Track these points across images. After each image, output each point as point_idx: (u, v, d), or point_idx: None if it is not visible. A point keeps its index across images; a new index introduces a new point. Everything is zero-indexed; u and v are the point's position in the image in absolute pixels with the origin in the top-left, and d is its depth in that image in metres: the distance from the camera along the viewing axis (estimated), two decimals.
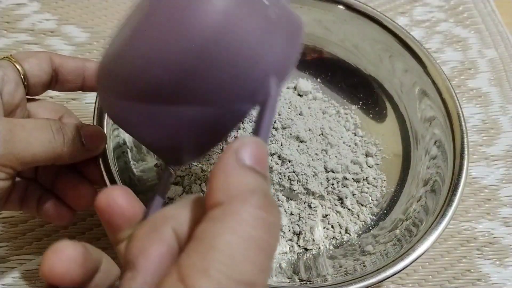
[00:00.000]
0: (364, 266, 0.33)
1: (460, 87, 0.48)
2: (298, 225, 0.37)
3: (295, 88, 0.45)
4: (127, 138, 0.37)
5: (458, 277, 0.38)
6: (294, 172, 0.37)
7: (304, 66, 0.46)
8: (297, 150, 0.38)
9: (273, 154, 0.37)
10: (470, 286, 0.38)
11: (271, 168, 0.37)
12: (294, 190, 0.38)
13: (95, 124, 0.34)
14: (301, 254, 0.37)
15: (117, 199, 0.19)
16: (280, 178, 0.38)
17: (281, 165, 0.38)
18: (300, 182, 0.38)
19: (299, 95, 0.45)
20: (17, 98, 0.28)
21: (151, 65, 0.16)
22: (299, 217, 0.38)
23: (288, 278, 0.35)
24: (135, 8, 0.19)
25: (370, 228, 0.38)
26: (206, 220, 0.15)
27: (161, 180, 0.21)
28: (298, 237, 0.37)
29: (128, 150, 0.37)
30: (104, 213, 0.19)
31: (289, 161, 0.37)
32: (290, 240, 0.37)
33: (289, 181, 0.38)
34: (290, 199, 0.38)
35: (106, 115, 0.34)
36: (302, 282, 0.34)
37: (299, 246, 0.37)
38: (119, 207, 0.19)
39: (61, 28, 0.47)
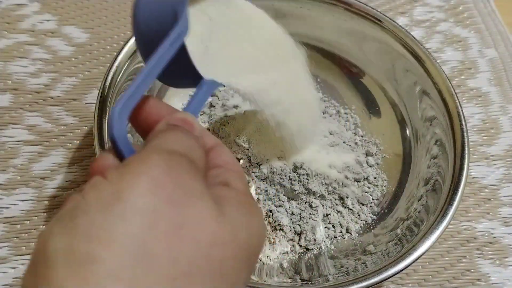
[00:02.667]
0: (365, 265, 0.33)
1: (460, 87, 0.48)
2: (299, 225, 0.37)
3: None
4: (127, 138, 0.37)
5: (458, 277, 0.38)
6: (296, 172, 0.38)
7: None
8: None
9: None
10: (470, 286, 0.38)
11: (272, 168, 0.37)
12: (295, 190, 0.38)
13: (95, 123, 0.34)
14: (302, 254, 0.37)
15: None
16: (281, 178, 0.38)
17: (282, 166, 0.38)
18: (301, 182, 0.38)
19: None
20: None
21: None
22: (300, 217, 0.38)
23: (290, 278, 0.35)
24: None
25: (371, 227, 0.38)
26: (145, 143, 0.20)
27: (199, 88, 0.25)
28: (300, 237, 0.37)
29: None
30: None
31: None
32: (292, 240, 0.37)
33: (290, 181, 0.38)
34: (291, 199, 0.38)
35: (106, 115, 0.34)
36: (303, 282, 0.34)
37: (300, 246, 0.37)
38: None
39: (61, 28, 0.47)
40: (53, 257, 0.15)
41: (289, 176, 0.38)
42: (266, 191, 0.38)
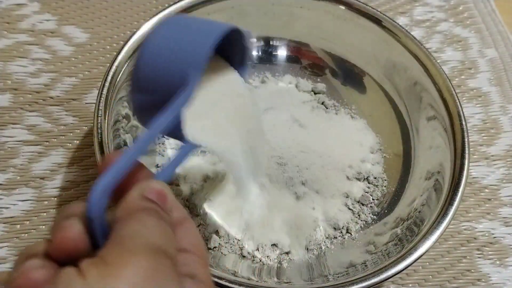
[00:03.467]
0: (365, 265, 0.33)
1: (461, 87, 0.48)
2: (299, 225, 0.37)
3: (296, 86, 0.45)
4: (128, 139, 0.37)
5: (458, 277, 0.38)
6: (297, 172, 0.38)
7: (305, 66, 0.46)
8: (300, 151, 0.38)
9: (275, 155, 0.37)
10: (470, 286, 0.38)
11: (273, 168, 0.37)
12: (295, 192, 0.38)
13: (95, 123, 0.34)
14: (302, 254, 0.37)
15: None
16: (281, 178, 0.38)
17: (283, 165, 0.38)
18: (301, 182, 0.38)
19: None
20: None
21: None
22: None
23: (290, 278, 0.35)
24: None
25: (371, 227, 0.38)
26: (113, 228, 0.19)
27: (179, 151, 0.25)
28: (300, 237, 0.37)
29: None
30: None
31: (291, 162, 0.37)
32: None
33: (291, 179, 0.38)
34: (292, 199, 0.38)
35: (106, 115, 0.34)
36: (303, 283, 0.34)
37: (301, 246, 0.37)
38: None
39: (61, 28, 0.47)
40: None
41: (290, 176, 0.38)
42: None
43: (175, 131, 0.24)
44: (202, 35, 0.25)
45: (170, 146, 0.40)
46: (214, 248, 0.36)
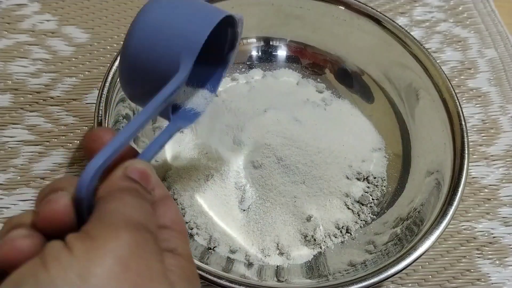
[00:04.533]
0: (365, 265, 0.33)
1: (460, 87, 0.48)
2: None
3: (296, 85, 0.45)
4: None
5: (457, 277, 0.38)
6: (297, 171, 0.38)
7: (305, 66, 0.46)
8: (297, 148, 0.38)
9: (274, 155, 0.37)
10: (469, 286, 0.38)
11: (273, 167, 0.37)
12: (295, 191, 0.38)
13: (95, 124, 0.34)
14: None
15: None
16: (281, 177, 0.38)
17: (283, 165, 0.38)
18: (301, 181, 0.38)
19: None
20: None
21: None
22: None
23: (289, 278, 0.35)
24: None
25: (371, 227, 0.38)
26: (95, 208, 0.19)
27: (164, 130, 0.25)
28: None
29: None
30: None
31: (288, 160, 0.37)
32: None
33: (290, 178, 0.38)
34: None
35: (107, 115, 0.34)
36: (303, 282, 0.34)
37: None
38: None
39: (61, 29, 0.48)
40: None
41: (290, 176, 0.38)
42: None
43: (163, 112, 0.25)
44: (198, 19, 0.25)
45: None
46: (214, 248, 0.36)
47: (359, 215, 0.39)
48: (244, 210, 0.38)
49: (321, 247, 0.37)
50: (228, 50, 0.31)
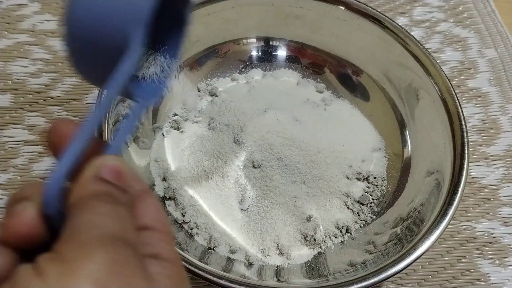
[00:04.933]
0: (365, 265, 0.33)
1: (460, 87, 0.48)
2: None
3: (296, 85, 0.45)
4: (127, 139, 0.38)
5: (457, 277, 0.38)
6: (297, 171, 0.38)
7: (305, 66, 0.46)
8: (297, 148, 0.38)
9: (274, 155, 0.37)
10: (469, 286, 0.38)
11: (273, 167, 0.37)
12: (295, 191, 0.38)
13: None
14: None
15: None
16: (281, 177, 0.38)
17: (283, 165, 0.38)
18: (301, 181, 0.38)
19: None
20: None
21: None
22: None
23: (289, 278, 0.35)
24: None
25: (371, 227, 0.38)
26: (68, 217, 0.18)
27: (129, 114, 0.23)
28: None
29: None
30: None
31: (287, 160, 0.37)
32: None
33: (291, 178, 0.38)
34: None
35: (106, 115, 0.34)
36: (303, 282, 0.34)
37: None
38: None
39: (61, 29, 0.47)
40: None
41: (290, 176, 0.38)
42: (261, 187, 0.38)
43: (124, 91, 0.23)
44: None
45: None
46: (214, 248, 0.36)
47: (359, 215, 0.39)
48: (244, 210, 0.38)
49: (321, 247, 0.37)
50: (182, 5, 0.27)
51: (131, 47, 0.21)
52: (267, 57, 0.46)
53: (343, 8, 0.42)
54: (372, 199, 0.40)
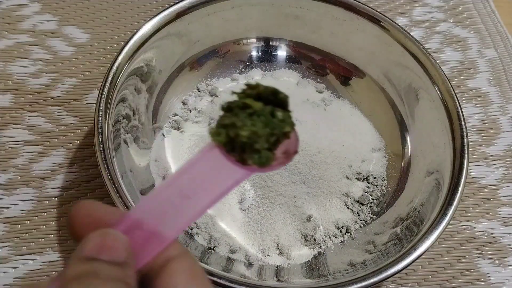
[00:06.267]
0: (365, 265, 0.33)
1: (460, 87, 0.48)
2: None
3: (296, 86, 0.45)
4: (128, 139, 0.38)
5: (457, 277, 0.39)
6: (297, 171, 0.38)
7: (305, 66, 0.46)
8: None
9: None
10: (469, 286, 0.38)
11: None
12: (295, 191, 0.38)
13: (95, 123, 0.34)
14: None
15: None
16: (280, 177, 0.38)
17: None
18: (301, 181, 0.38)
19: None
20: None
21: None
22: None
23: (289, 278, 0.35)
24: None
25: (371, 227, 0.38)
26: None
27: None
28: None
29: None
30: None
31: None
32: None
33: (290, 178, 0.38)
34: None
35: (107, 115, 0.34)
36: (303, 282, 0.34)
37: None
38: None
39: (61, 29, 0.48)
40: None
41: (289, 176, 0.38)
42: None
43: None
44: None
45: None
46: (214, 248, 0.36)
47: (359, 215, 0.39)
48: (244, 210, 0.38)
49: (321, 247, 0.37)
50: None
51: None
52: (267, 57, 0.46)
53: (343, 8, 0.42)
54: (372, 199, 0.40)
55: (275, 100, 0.21)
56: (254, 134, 0.19)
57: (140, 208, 0.19)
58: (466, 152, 0.36)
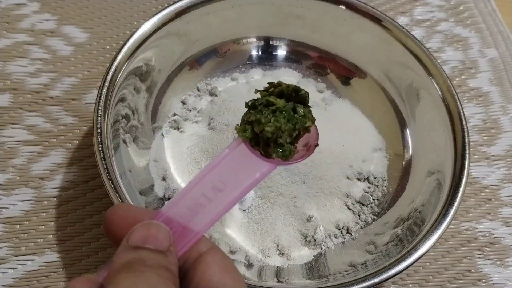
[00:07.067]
0: (366, 266, 0.33)
1: (461, 87, 0.48)
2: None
3: (297, 84, 0.45)
4: (127, 139, 0.37)
5: (458, 278, 0.38)
6: (297, 171, 0.37)
7: (305, 66, 0.46)
8: None
9: None
10: (470, 287, 0.38)
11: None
12: (296, 191, 0.38)
13: (94, 123, 0.34)
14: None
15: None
16: (281, 177, 0.38)
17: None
18: (301, 181, 0.38)
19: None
20: None
21: None
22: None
23: (289, 279, 0.35)
24: None
25: (372, 228, 0.38)
26: None
27: None
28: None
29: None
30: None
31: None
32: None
33: (291, 178, 0.38)
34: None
35: (106, 115, 0.34)
36: (303, 283, 0.34)
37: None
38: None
39: (60, 28, 0.47)
40: None
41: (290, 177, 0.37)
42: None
43: None
44: None
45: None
46: None
47: (359, 216, 0.39)
48: (244, 210, 0.37)
49: (321, 248, 0.37)
50: None
51: None
52: (267, 56, 0.46)
53: (344, 7, 0.42)
54: (373, 199, 0.39)
55: (296, 97, 0.22)
56: (278, 129, 0.21)
57: (171, 206, 0.20)
58: (467, 152, 0.35)
